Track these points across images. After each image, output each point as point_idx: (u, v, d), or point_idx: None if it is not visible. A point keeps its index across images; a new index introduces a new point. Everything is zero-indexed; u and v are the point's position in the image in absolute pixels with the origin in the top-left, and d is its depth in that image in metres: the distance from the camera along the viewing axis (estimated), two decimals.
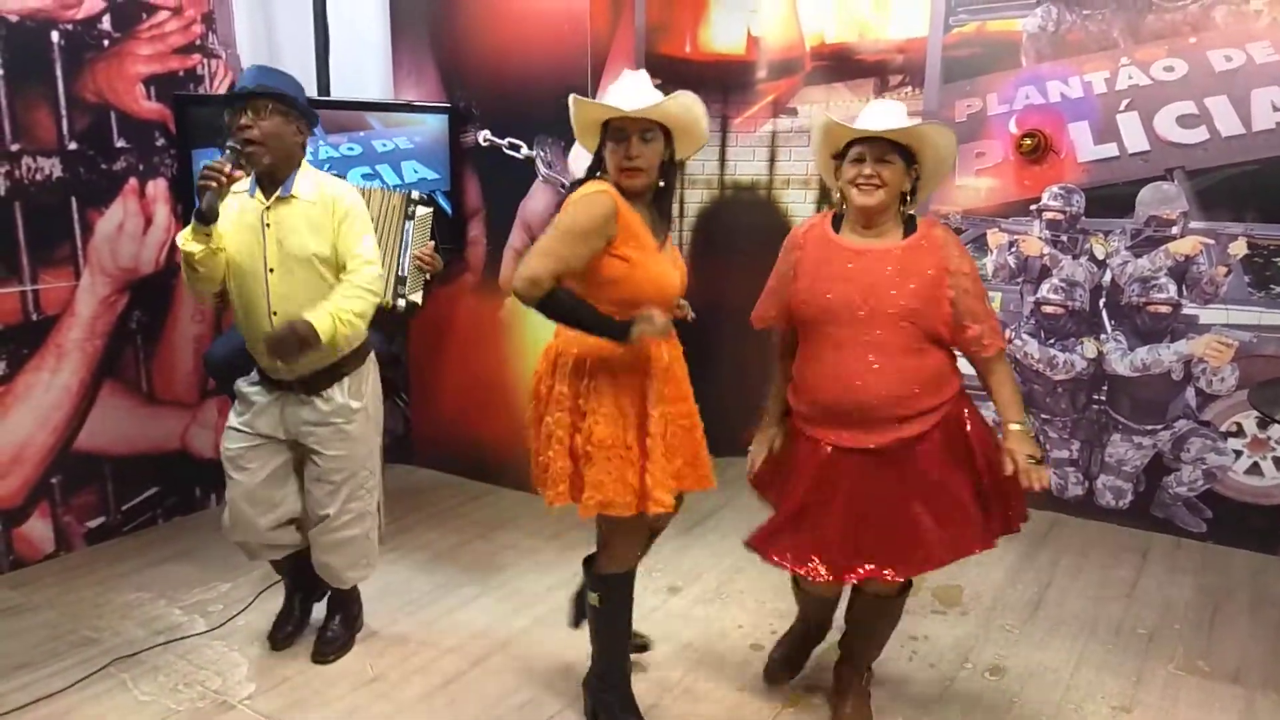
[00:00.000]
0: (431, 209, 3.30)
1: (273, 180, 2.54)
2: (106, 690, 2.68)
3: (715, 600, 3.26)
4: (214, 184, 2.37)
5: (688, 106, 2.26)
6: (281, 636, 2.91)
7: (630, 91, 2.22)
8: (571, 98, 2.29)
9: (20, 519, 3.43)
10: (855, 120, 2.23)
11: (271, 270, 2.53)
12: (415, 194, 3.25)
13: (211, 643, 2.94)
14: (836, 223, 2.33)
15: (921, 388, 2.21)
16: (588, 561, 2.53)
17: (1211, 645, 2.99)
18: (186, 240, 2.45)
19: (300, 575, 2.93)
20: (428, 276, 3.32)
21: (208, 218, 2.41)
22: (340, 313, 2.49)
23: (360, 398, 2.69)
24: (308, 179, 2.58)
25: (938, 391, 2.24)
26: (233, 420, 2.73)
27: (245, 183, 2.58)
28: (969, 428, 2.28)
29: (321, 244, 2.55)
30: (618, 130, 2.22)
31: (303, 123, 2.57)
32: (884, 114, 2.22)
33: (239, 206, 2.56)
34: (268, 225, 2.53)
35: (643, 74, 2.29)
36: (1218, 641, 3.01)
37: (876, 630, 2.51)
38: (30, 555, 3.47)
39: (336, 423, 2.65)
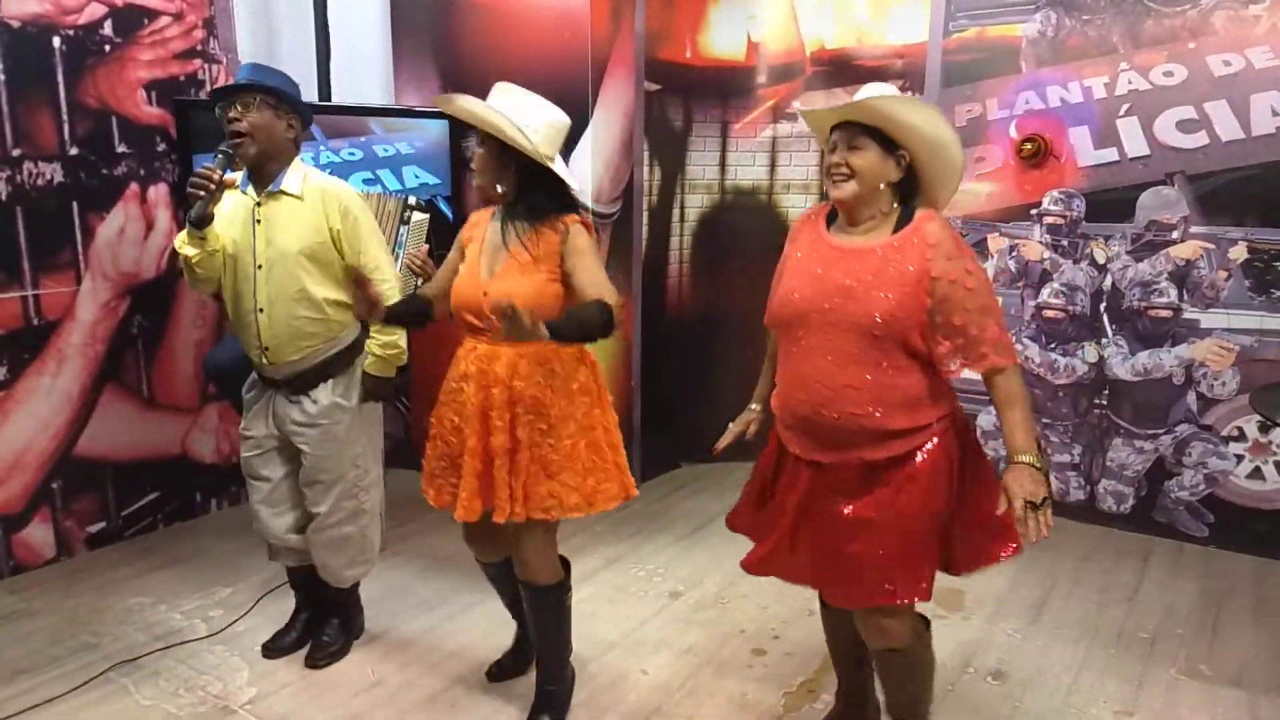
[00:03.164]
0: (428, 215, 3.31)
1: (263, 176, 2.53)
2: (107, 695, 2.68)
3: (717, 604, 3.25)
4: (203, 192, 2.38)
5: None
6: (275, 648, 2.89)
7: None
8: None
9: (21, 524, 3.43)
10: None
11: (259, 267, 2.53)
12: (413, 199, 3.26)
13: (212, 648, 2.93)
14: (833, 216, 2.10)
15: (887, 407, 1.96)
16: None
17: (1214, 649, 2.99)
18: (183, 244, 2.50)
19: (308, 596, 2.95)
20: (419, 281, 3.34)
21: (200, 223, 2.43)
22: (386, 349, 2.63)
23: (350, 398, 2.68)
24: (296, 174, 2.55)
25: (911, 414, 1.98)
26: (241, 426, 2.79)
27: (239, 179, 2.59)
28: (954, 462, 2.03)
29: (309, 240, 2.52)
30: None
31: (294, 118, 2.55)
32: (862, 93, 1.95)
33: (233, 203, 2.56)
34: (258, 221, 2.53)
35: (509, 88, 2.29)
36: (1220, 646, 3.01)
37: (892, 683, 2.25)
38: (31, 560, 3.47)
39: (323, 424, 2.64)
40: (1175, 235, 3.68)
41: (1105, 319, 3.85)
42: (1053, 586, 3.41)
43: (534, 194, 2.26)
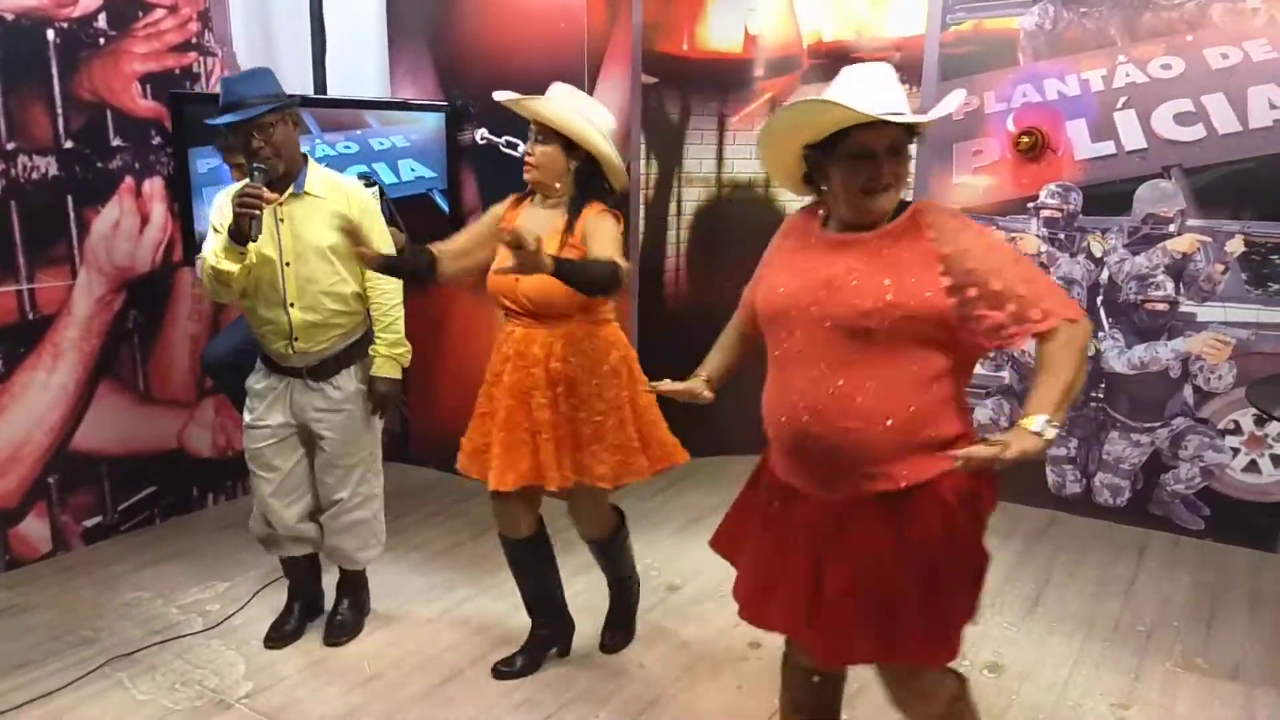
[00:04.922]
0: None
1: (283, 178, 2.60)
2: (104, 690, 2.68)
3: (714, 598, 3.25)
4: (256, 210, 2.43)
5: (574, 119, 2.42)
6: (277, 637, 2.93)
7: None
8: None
9: (17, 519, 3.42)
10: (841, 95, 1.63)
11: (288, 264, 2.61)
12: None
13: (209, 642, 2.93)
14: (828, 216, 1.84)
15: (901, 416, 1.66)
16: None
17: (1210, 642, 2.99)
18: (220, 260, 2.50)
19: (306, 584, 3.00)
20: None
21: (251, 238, 2.46)
22: (394, 349, 2.77)
23: (366, 382, 2.80)
24: (316, 175, 2.66)
25: (935, 423, 1.69)
26: (247, 418, 2.80)
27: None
28: (974, 499, 1.71)
29: (338, 236, 2.62)
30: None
31: (296, 114, 2.63)
32: (882, 86, 1.66)
33: None
34: (281, 220, 2.60)
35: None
36: (1216, 638, 3.02)
37: None
38: (27, 555, 3.46)
39: (348, 409, 2.75)
40: (1172, 228, 3.68)
41: (1102, 312, 3.85)
42: (1048, 579, 3.41)
43: (588, 188, 2.44)
